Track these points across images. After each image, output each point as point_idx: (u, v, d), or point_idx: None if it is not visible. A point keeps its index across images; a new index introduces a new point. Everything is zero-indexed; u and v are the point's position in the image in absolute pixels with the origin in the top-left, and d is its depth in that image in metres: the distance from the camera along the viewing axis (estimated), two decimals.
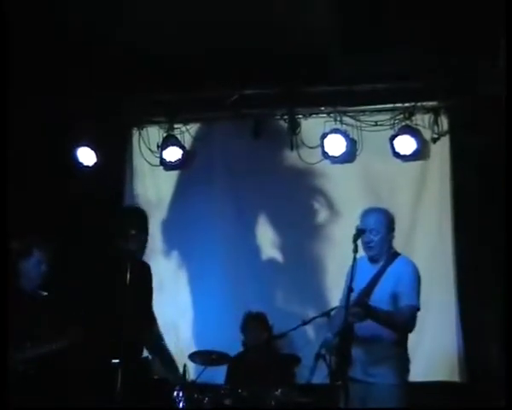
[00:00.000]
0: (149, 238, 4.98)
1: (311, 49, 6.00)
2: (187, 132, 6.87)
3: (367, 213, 4.80)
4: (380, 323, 4.48)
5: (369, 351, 4.57)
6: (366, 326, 4.49)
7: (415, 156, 6.41)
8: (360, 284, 4.58)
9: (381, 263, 4.73)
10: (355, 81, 6.33)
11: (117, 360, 4.25)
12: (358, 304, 4.41)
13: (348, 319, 4.40)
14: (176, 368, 5.03)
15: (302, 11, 5.72)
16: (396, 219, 4.87)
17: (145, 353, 4.91)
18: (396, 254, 4.79)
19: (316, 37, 5.91)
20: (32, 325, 4.59)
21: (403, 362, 4.68)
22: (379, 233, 4.69)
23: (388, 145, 6.39)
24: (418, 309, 4.63)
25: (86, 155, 6.73)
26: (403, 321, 4.58)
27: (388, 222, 4.79)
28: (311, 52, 6.02)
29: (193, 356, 5.85)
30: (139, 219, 4.81)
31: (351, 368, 4.44)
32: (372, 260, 4.75)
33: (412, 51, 5.78)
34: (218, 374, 5.99)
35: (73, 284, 5.99)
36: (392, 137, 6.37)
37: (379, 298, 4.57)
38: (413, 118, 6.36)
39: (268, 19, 5.77)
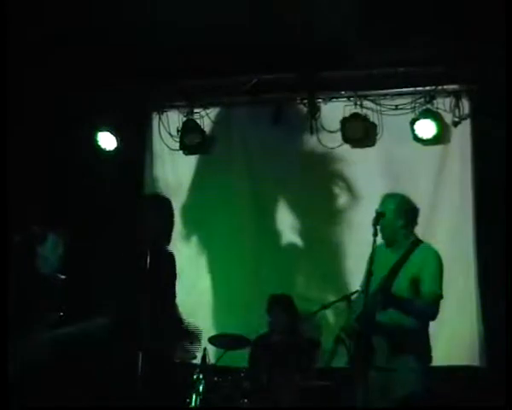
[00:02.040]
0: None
1: (331, 33, 5.96)
2: (206, 117, 6.88)
3: (386, 198, 4.81)
4: (402, 311, 4.49)
5: (390, 338, 4.57)
6: (388, 314, 4.50)
7: (435, 140, 6.37)
8: (381, 270, 4.58)
9: (403, 250, 4.72)
10: (375, 65, 6.29)
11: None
12: (381, 292, 4.41)
13: (371, 307, 4.42)
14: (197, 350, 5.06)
15: (319, 9, 5.69)
16: (416, 203, 4.85)
17: None
18: (418, 242, 4.78)
19: (336, 21, 5.87)
20: (50, 309, 4.62)
21: (425, 350, 4.68)
22: (389, 217, 4.69)
23: (409, 129, 6.35)
24: (441, 297, 4.62)
25: (107, 140, 6.78)
26: (425, 309, 4.58)
27: (407, 208, 4.78)
28: (331, 36, 5.98)
29: (213, 339, 5.88)
30: (161, 206, 4.82)
31: (371, 355, 4.45)
32: (388, 244, 4.74)
33: (433, 35, 5.72)
34: (240, 357, 6.01)
35: (94, 269, 6.08)
36: (413, 121, 6.33)
37: (401, 285, 4.57)
38: (434, 102, 6.30)
39: (288, 4, 5.73)
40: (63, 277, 4.76)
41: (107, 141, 6.77)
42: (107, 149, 6.78)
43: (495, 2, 5.23)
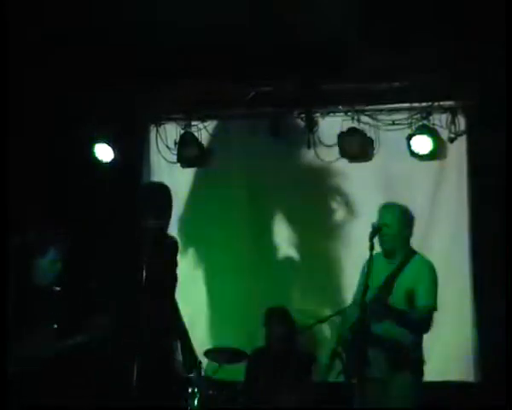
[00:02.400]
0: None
1: (328, 47, 6.00)
2: (204, 130, 6.89)
3: (384, 208, 4.83)
4: (397, 323, 4.49)
5: (385, 351, 4.58)
6: (383, 325, 4.51)
7: (432, 156, 6.39)
8: (376, 280, 4.59)
9: (398, 261, 4.74)
10: (372, 80, 6.31)
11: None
12: (377, 303, 4.42)
13: (366, 318, 4.42)
14: (195, 358, 5.03)
15: (319, 9, 5.71)
16: (417, 215, 4.87)
17: None
18: (413, 253, 4.79)
19: (333, 35, 5.90)
20: (45, 321, 4.61)
21: (418, 363, 4.69)
22: (394, 228, 4.70)
23: (405, 144, 6.38)
24: (435, 309, 4.63)
25: (104, 151, 6.77)
26: (420, 322, 4.60)
27: (405, 218, 4.81)
28: (328, 50, 6.02)
29: (208, 353, 5.87)
30: (162, 196, 4.81)
31: (367, 366, 4.46)
32: (387, 255, 4.75)
33: (430, 51, 5.76)
34: (236, 371, 6.00)
35: (93, 272, 6.08)
36: (410, 137, 6.36)
37: (396, 296, 4.58)
38: (430, 117, 6.33)
39: (285, 16, 5.76)
40: (58, 288, 4.77)
41: (104, 153, 6.77)
42: (104, 160, 6.78)
43: (496, 7, 5.25)
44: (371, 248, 4.49)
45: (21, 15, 5.52)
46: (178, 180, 6.97)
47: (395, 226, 4.73)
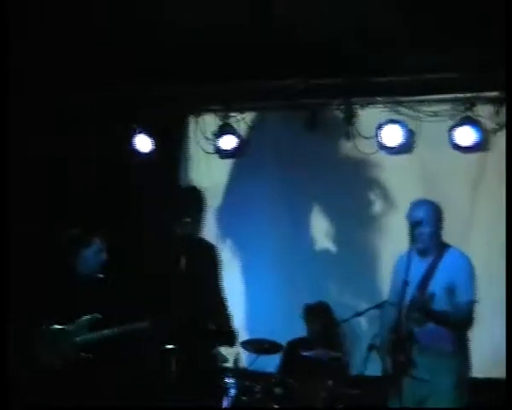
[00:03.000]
0: (205, 225, 5.04)
1: (368, 39, 5.92)
2: (242, 121, 6.88)
3: (417, 205, 4.74)
4: (440, 325, 4.43)
5: (426, 350, 4.50)
6: (424, 329, 4.45)
7: (474, 148, 6.28)
8: (411, 278, 4.52)
9: (432, 256, 4.66)
10: (414, 71, 6.23)
11: (171, 346, 4.29)
12: (419, 309, 4.35)
13: (406, 319, 4.36)
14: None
15: (358, 3, 5.65)
16: (452, 211, 4.80)
17: None
18: (445, 245, 4.71)
19: (374, 27, 5.83)
20: (91, 310, 4.65)
21: (462, 364, 4.61)
22: (429, 226, 4.63)
23: (446, 136, 6.28)
24: (476, 302, 4.56)
25: (143, 143, 6.82)
26: (463, 319, 4.53)
27: (438, 214, 4.73)
28: (368, 42, 5.94)
29: (245, 344, 5.88)
30: (196, 199, 4.84)
31: (409, 366, 4.40)
32: (421, 253, 4.68)
33: (474, 42, 5.65)
34: (270, 363, 6.00)
35: (131, 270, 6.12)
36: (452, 128, 6.25)
37: (434, 293, 4.50)
38: (474, 109, 6.23)
39: (325, 10, 5.71)
40: (101, 276, 4.82)
41: (143, 143, 6.81)
42: (143, 151, 6.82)
43: None
44: (411, 241, 4.42)
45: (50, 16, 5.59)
46: (216, 171, 6.99)
47: (433, 224, 4.65)
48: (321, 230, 6.78)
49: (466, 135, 6.20)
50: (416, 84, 6.31)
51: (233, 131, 6.80)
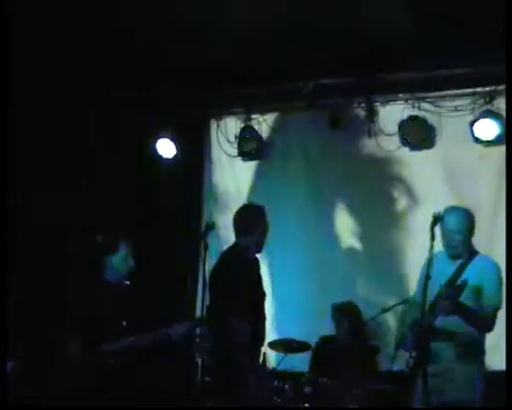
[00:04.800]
0: (229, 228, 5.08)
1: (388, 36, 5.93)
2: (264, 123, 6.92)
3: (450, 212, 4.76)
4: (465, 319, 4.45)
5: (450, 342, 4.53)
6: (450, 320, 4.46)
7: (496, 141, 6.25)
8: (440, 277, 4.54)
9: (462, 260, 4.70)
10: (434, 67, 6.23)
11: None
12: (448, 298, 4.38)
13: (430, 313, 4.39)
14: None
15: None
16: (477, 206, 4.81)
17: None
18: (475, 253, 4.75)
19: (392, 23, 5.84)
20: (119, 316, 4.70)
21: (481, 354, 4.64)
22: (461, 233, 4.67)
23: (468, 131, 6.27)
24: (500, 308, 4.60)
25: (166, 148, 6.87)
26: (486, 321, 4.56)
27: (470, 222, 4.75)
28: (388, 39, 5.95)
29: (273, 344, 5.91)
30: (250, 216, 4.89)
31: (430, 360, 4.43)
32: (452, 257, 4.73)
33: (493, 35, 5.63)
34: (299, 362, 6.03)
35: (155, 273, 6.18)
36: (473, 123, 6.24)
37: (466, 280, 4.51)
38: (494, 102, 6.20)
39: (344, 7, 5.73)
40: (128, 282, 4.85)
41: (166, 149, 6.87)
42: (167, 156, 6.88)
43: None
44: (432, 238, 4.44)
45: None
46: (240, 174, 7.04)
47: (465, 231, 4.69)
48: (346, 228, 6.78)
49: (487, 128, 6.18)
50: (436, 80, 6.30)
51: (255, 134, 6.84)
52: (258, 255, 4.89)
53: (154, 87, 6.54)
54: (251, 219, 4.83)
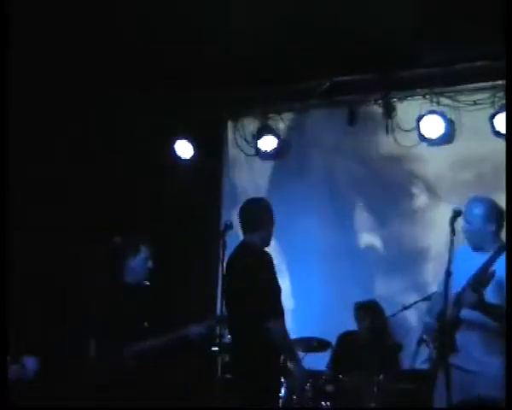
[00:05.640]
0: None
1: (404, 32, 5.89)
2: (281, 122, 6.91)
3: (469, 203, 4.70)
4: (487, 316, 4.40)
5: (471, 339, 4.47)
6: (472, 314, 4.41)
7: None
8: (466, 272, 4.49)
9: (489, 253, 4.62)
10: (452, 61, 6.17)
11: (216, 349, 4.32)
12: (473, 296, 4.33)
13: (453, 307, 4.36)
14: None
15: None
16: (501, 200, 4.72)
17: None
18: (504, 247, 4.66)
19: (409, 19, 5.79)
20: (141, 317, 4.70)
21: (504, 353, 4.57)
22: (475, 224, 4.59)
23: (488, 124, 6.20)
24: None
25: (184, 149, 6.89)
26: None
27: (490, 212, 4.65)
28: (404, 35, 5.91)
29: (293, 343, 5.88)
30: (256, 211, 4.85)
31: (453, 354, 4.38)
32: (474, 249, 4.65)
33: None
34: (319, 361, 6.00)
35: (175, 273, 6.18)
36: (492, 116, 6.17)
37: (495, 271, 4.45)
38: None
39: (358, 6, 5.69)
40: (148, 283, 4.86)
41: (184, 149, 6.89)
42: (185, 157, 6.90)
43: None
44: (452, 233, 4.39)
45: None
46: (258, 173, 7.03)
47: (477, 223, 4.61)
48: (366, 225, 6.75)
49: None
50: (454, 74, 6.24)
51: (272, 132, 6.84)
52: (272, 252, 4.81)
53: (171, 88, 6.55)
54: (256, 215, 4.76)
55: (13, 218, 4.19)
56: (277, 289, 4.56)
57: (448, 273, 4.33)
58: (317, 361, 5.98)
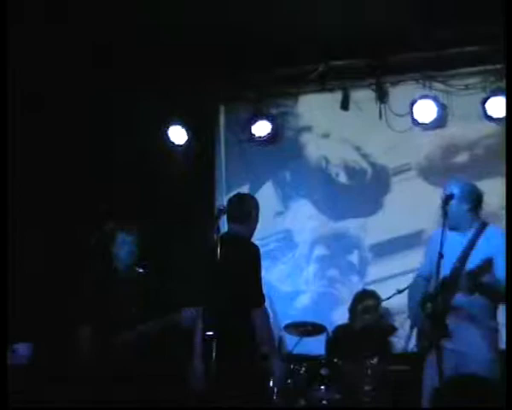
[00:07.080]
0: None
1: (396, 17, 5.90)
2: (275, 106, 6.91)
3: (451, 184, 4.75)
4: (486, 296, 4.44)
5: (461, 320, 4.52)
6: (466, 297, 4.46)
7: None
8: (450, 252, 4.51)
9: (470, 234, 4.66)
10: (443, 46, 6.19)
11: (211, 333, 4.34)
12: (469, 278, 4.37)
13: (446, 290, 4.40)
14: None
15: None
16: (493, 184, 4.76)
17: None
18: (485, 225, 4.71)
19: (401, 4, 5.80)
20: (131, 304, 4.74)
21: (494, 332, 4.62)
22: (459, 202, 4.63)
23: (480, 109, 6.23)
24: None
25: (177, 134, 6.88)
26: (501, 292, 4.52)
27: (472, 193, 4.70)
28: (396, 20, 5.92)
29: (288, 327, 5.93)
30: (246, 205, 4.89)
31: (446, 337, 4.43)
32: (453, 228, 4.67)
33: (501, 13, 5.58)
34: (314, 345, 6.04)
35: (169, 262, 6.20)
36: (484, 100, 6.20)
37: (474, 266, 4.50)
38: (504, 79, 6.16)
39: None
40: (141, 270, 4.88)
41: (177, 135, 6.88)
42: (178, 143, 6.90)
43: None
44: (444, 215, 4.43)
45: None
46: (250, 158, 7.03)
47: (455, 201, 4.65)
48: (360, 209, 6.75)
49: (499, 106, 6.14)
50: (446, 59, 6.26)
51: (266, 118, 6.84)
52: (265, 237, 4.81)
53: (163, 74, 6.54)
54: (246, 209, 4.82)
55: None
56: (261, 279, 4.64)
57: (440, 256, 4.37)
58: (313, 346, 6.02)
